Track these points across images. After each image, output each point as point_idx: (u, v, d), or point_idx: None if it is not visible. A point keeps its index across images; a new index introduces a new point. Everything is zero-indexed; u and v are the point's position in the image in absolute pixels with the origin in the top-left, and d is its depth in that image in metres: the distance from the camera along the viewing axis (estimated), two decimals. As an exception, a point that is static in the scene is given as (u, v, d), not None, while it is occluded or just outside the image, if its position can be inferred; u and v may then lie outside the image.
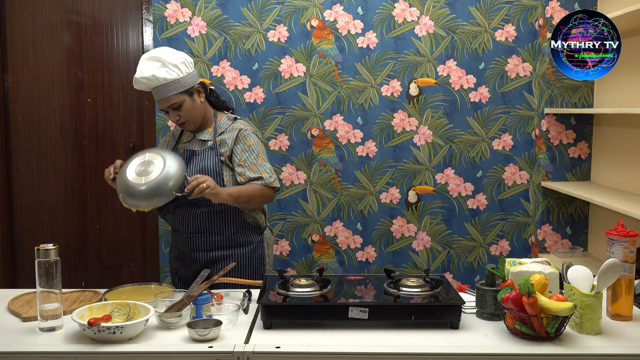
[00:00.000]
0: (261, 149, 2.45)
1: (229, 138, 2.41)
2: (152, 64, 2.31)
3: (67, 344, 1.67)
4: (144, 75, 2.30)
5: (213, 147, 2.41)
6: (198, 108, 2.40)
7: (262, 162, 2.41)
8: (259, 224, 2.49)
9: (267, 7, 3.50)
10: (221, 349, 1.62)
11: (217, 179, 2.36)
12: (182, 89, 2.34)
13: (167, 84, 2.31)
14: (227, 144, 2.40)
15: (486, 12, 3.52)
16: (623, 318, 1.83)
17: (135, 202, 2.20)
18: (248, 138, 2.42)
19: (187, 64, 2.37)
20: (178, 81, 2.32)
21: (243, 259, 2.45)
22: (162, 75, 2.30)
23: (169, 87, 2.32)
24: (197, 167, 2.38)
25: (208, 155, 2.40)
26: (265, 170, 2.39)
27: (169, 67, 2.31)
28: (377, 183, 3.61)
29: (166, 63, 2.31)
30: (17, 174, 3.70)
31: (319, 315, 1.80)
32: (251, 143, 2.42)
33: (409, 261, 3.65)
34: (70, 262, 3.70)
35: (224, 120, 2.47)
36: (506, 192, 3.63)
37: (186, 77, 2.35)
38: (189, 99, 2.37)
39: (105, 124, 3.68)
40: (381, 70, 3.54)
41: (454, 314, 1.77)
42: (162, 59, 2.31)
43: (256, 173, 2.37)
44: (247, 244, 2.46)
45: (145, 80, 2.30)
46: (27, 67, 3.64)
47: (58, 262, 1.76)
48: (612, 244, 1.83)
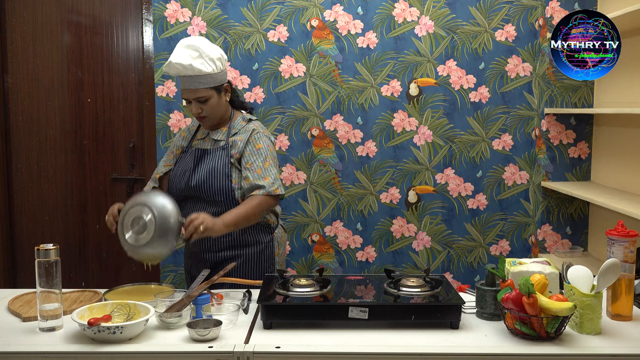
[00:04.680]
0: (270, 153, 2.39)
1: (241, 140, 2.39)
2: (190, 52, 2.28)
3: (67, 344, 1.67)
4: (181, 62, 2.26)
5: (225, 147, 2.39)
6: (222, 106, 2.40)
7: (268, 167, 2.35)
8: (269, 223, 2.48)
9: (267, 7, 3.50)
10: (221, 349, 1.63)
11: (225, 181, 2.35)
12: (213, 84, 2.32)
13: (200, 76, 2.29)
14: (238, 146, 2.38)
15: (486, 12, 3.52)
16: (623, 318, 1.83)
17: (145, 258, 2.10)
18: (259, 141, 2.39)
19: (223, 60, 2.36)
20: (211, 75, 2.30)
21: (252, 258, 2.45)
22: (198, 66, 2.27)
23: (201, 80, 2.29)
24: (206, 167, 2.37)
25: (219, 156, 2.38)
26: (270, 176, 2.34)
27: (205, 60, 2.29)
28: (377, 183, 3.61)
29: (204, 54, 2.29)
30: (17, 174, 3.70)
31: (319, 315, 1.80)
32: (260, 146, 2.38)
33: (409, 261, 3.65)
34: (70, 262, 3.70)
35: (238, 121, 2.45)
36: (506, 192, 3.63)
37: (219, 73, 2.34)
38: (217, 95, 2.36)
39: (105, 124, 3.68)
40: (381, 70, 3.54)
41: (454, 314, 1.77)
42: (201, 50, 2.29)
43: (260, 179, 2.32)
44: (256, 244, 2.45)
45: (180, 66, 2.27)
46: (27, 67, 3.64)
47: (58, 262, 1.77)
48: (612, 244, 1.83)
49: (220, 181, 2.35)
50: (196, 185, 2.36)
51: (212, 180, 2.35)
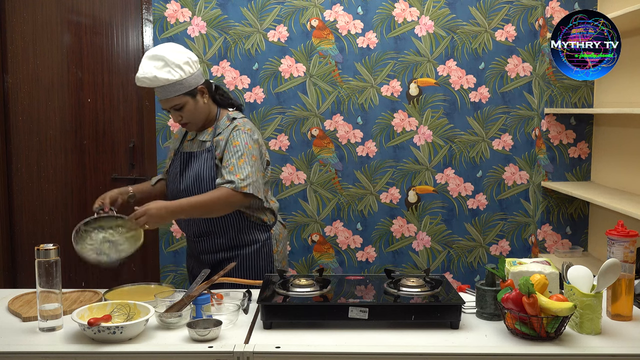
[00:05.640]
0: (247, 151, 2.31)
1: (223, 140, 2.34)
2: (154, 63, 2.25)
3: (67, 344, 1.67)
4: (145, 75, 2.24)
5: (210, 148, 2.36)
6: (201, 109, 2.36)
7: (242, 164, 2.28)
8: (264, 221, 2.47)
9: (267, 7, 3.50)
10: (221, 349, 1.62)
11: (212, 183, 2.32)
12: (184, 90, 2.28)
13: (170, 85, 2.24)
14: (221, 146, 2.34)
15: (486, 12, 3.52)
16: (623, 318, 1.83)
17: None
18: (236, 138, 2.32)
19: (192, 63, 2.30)
20: (181, 82, 2.26)
21: (249, 258, 2.44)
22: (163, 76, 2.23)
23: (171, 88, 2.25)
24: (193, 171, 2.36)
25: (204, 159, 2.36)
26: (241, 173, 2.26)
27: (171, 67, 2.24)
28: (377, 183, 3.61)
29: (169, 63, 2.24)
30: (17, 174, 3.70)
31: (319, 315, 1.80)
32: (237, 143, 2.31)
33: (409, 261, 3.65)
34: (70, 262, 3.68)
35: (223, 120, 2.41)
36: (506, 192, 3.63)
37: (189, 78, 2.29)
38: (192, 100, 2.31)
39: (105, 124, 3.68)
40: (381, 70, 3.54)
41: (454, 314, 1.77)
42: (166, 58, 2.24)
43: (230, 174, 2.25)
44: (252, 243, 2.44)
45: (146, 80, 2.25)
46: (27, 67, 3.64)
47: (58, 262, 1.76)
48: (612, 244, 1.83)
49: (207, 184, 2.34)
50: (185, 189, 2.37)
51: (199, 184, 2.35)
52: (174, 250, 3.58)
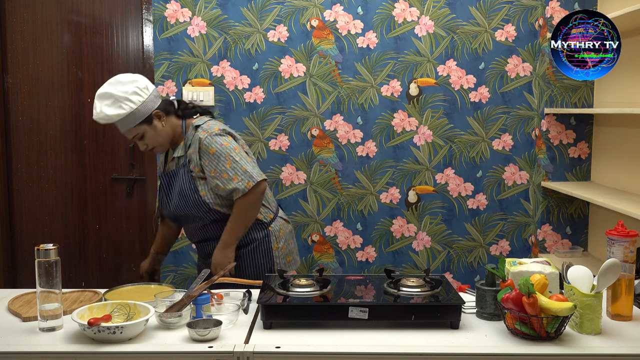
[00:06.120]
0: (227, 150, 2.31)
1: (194, 152, 2.35)
2: (104, 101, 2.28)
3: (67, 344, 1.67)
4: (99, 115, 2.30)
5: (185, 163, 2.38)
6: (162, 132, 2.37)
7: (231, 165, 2.29)
8: (259, 219, 2.48)
9: (267, 7, 3.50)
10: (221, 349, 1.62)
11: (194, 197, 2.36)
12: (139, 120, 2.30)
13: (123, 119, 2.29)
14: (194, 159, 2.35)
15: (486, 12, 3.52)
16: (623, 318, 1.83)
17: None
18: (210, 146, 2.32)
19: (140, 91, 2.29)
20: (133, 114, 2.28)
21: (247, 257, 2.46)
22: (114, 112, 2.27)
23: (125, 121, 2.30)
24: (177, 190, 2.40)
25: (182, 175, 2.38)
26: (237, 174, 2.28)
27: (121, 102, 2.27)
28: (377, 183, 3.60)
29: (118, 97, 2.26)
30: (17, 174, 3.70)
31: (319, 315, 1.80)
32: (214, 150, 2.31)
33: (409, 261, 3.65)
34: (70, 262, 3.70)
35: (190, 132, 2.40)
36: (506, 192, 3.63)
37: (141, 107, 2.30)
38: (149, 127, 2.34)
39: (105, 124, 3.66)
40: (381, 70, 3.54)
41: (454, 314, 1.77)
42: (113, 94, 2.27)
43: (229, 182, 2.29)
44: (249, 243, 2.46)
45: (101, 120, 2.31)
46: (27, 67, 3.64)
47: (58, 262, 1.76)
48: (612, 244, 1.82)
49: (192, 199, 2.37)
50: (174, 208, 2.43)
51: (185, 201, 2.39)
52: (174, 250, 3.58)
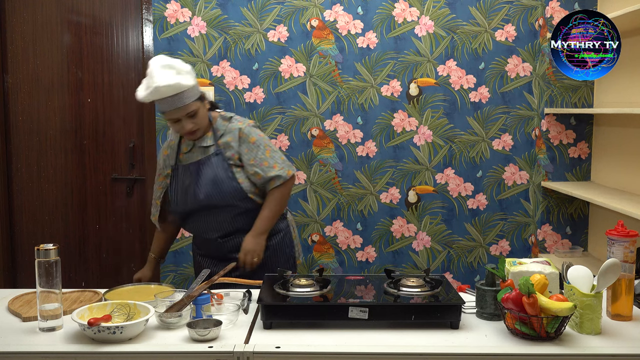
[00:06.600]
0: (265, 141, 2.43)
1: (233, 140, 2.39)
2: (168, 71, 2.26)
3: (67, 344, 1.67)
4: (168, 82, 2.22)
5: (217, 152, 2.38)
6: (206, 114, 2.41)
7: (270, 154, 2.40)
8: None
9: (267, 7, 3.50)
10: (221, 349, 1.62)
11: (232, 184, 2.37)
12: (197, 95, 2.33)
13: (186, 92, 2.27)
14: (233, 147, 2.38)
15: (486, 12, 3.52)
16: (623, 318, 1.83)
17: None
18: (250, 135, 2.40)
19: (193, 71, 2.37)
20: (193, 88, 2.31)
21: (275, 248, 2.50)
22: (184, 82, 2.25)
23: (186, 95, 2.28)
24: (208, 177, 2.37)
25: (215, 164, 2.38)
26: (277, 162, 2.39)
27: (183, 75, 2.27)
28: (377, 183, 3.60)
29: (180, 70, 2.28)
30: (17, 174, 3.70)
31: (319, 315, 1.80)
32: (255, 139, 2.40)
33: (409, 261, 3.65)
34: (70, 262, 3.70)
35: (219, 122, 2.44)
36: (506, 192, 3.63)
37: (197, 84, 2.36)
38: (202, 105, 2.36)
39: (105, 124, 3.68)
40: (381, 70, 3.54)
41: (454, 314, 1.77)
42: (176, 67, 2.28)
43: (269, 169, 2.37)
44: (275, 234, 2.50)
45: (168, 88, 2.22)
46: (27, 67, 3.64)
47: (58, 262, 1.76)
48: (612, 244, 1.83)
49: (228, 186, 2.37)
50: (205, 197, 2.37)
51: (219, 188, 2.37)
52: (174, 250, 3.58)
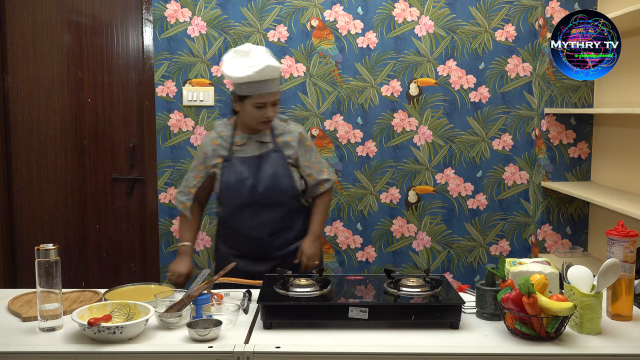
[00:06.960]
0: (314, 147, 2.58)
1: (292, 141, 2.46)
2: (270, 56, 2.37)
3: (67, 344, 1.67)
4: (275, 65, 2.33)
5: (277, 149, 2.44)
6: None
7: (320, 159, 2.56)
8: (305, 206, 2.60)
9: (267, 7, 3.50)
10: (221, 349, 1.62)
11: (289, 182, 2.44)
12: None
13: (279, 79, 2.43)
14: (292, 147, 2.46)
15: (486, 12, 3.52)
16: (623, 318, 1.83)
17: None
18: (307, 139, 2.54)
19: None
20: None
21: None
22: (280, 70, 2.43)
23: (276, 82, 2.38)
24: (269, 172, 2.42)
25: (275, 160, 2.44)
26: (325, 167, 2.55)
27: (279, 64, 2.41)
28: (377, 183, 3.60)
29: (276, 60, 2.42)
30: (17, 174, 3.70)
31: (319, 315, 1.80)
32: (310, 144, 2.54)
33: (409, 261, 3.65)
34: (70, 262, 3.70)
35: (277, 121, 2.50)
36: (506, 192, 3.63)
37: None
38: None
39: (105, 124, 3.68)
40: (381, 70, 3.54)
41: (454, 314, 1.77)
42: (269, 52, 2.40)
43: (320, 173, 2.51)
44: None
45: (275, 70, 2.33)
46: (27, 67, 3.64)
47: (58, 262, 1.76)
48: (612, 244, 1.83)
49: (286, 183, 2.44)
50: (264, 190, 2.41)
51: (278, 183, 2.43)
52: (174, 250, 3.58)
